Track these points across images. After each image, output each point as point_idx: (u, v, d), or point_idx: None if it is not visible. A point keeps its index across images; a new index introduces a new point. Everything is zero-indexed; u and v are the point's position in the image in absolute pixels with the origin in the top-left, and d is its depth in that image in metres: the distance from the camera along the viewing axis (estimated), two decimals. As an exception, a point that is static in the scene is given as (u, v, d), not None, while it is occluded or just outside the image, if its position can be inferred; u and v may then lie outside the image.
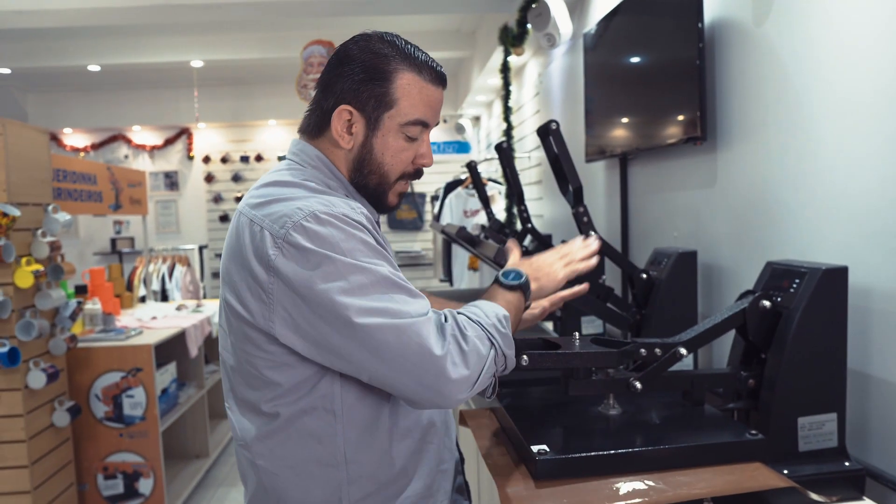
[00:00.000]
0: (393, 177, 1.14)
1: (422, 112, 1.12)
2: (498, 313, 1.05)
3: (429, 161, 1.17)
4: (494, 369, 1.02)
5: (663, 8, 2.01)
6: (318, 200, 1.03)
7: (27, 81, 7.39)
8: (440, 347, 0.96)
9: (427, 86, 1.12)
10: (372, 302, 0.96)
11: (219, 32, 5.92)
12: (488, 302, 1.10)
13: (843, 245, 1.35)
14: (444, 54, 6.16)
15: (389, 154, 1.13)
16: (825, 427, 1.18)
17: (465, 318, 1.03)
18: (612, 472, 1.06)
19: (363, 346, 0.96)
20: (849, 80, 1.32)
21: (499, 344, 1.02)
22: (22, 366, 2.73)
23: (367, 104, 1.10)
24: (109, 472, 3.28)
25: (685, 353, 1.19)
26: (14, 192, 2.72)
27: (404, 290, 1.00)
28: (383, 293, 0.98)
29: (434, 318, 1.00)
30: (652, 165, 2.31)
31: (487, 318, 1.04)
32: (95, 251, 8.23)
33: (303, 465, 1.06)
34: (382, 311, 0.96)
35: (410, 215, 8.08)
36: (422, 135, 1.15)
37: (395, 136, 1.12)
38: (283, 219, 1.00)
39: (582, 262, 1.25)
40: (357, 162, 1.14)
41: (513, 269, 1.18)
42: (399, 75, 1.10)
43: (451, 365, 0.96)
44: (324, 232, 0.98)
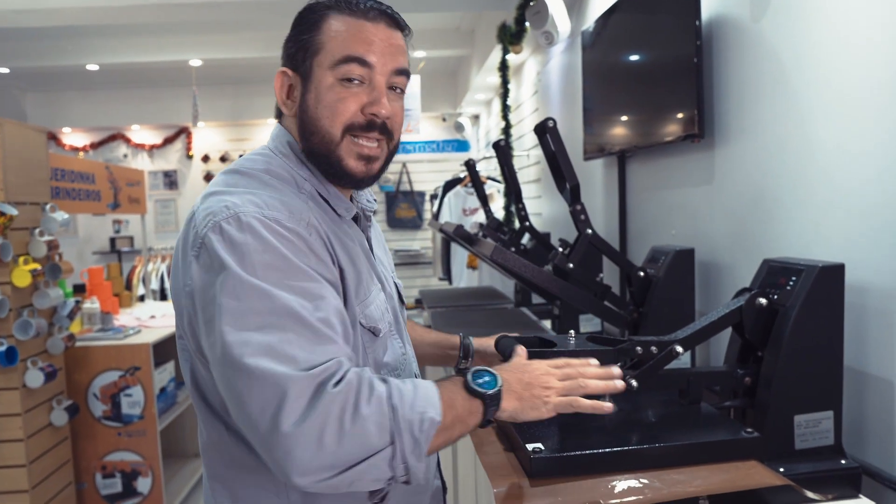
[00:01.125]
0: (336, 132, 0.98)
1: (353, 47, 0.97)
2: (426, 413, 0.83)
3: (380, 108, 0.98)
4: (388, 474, 0.81)
5: (661, 5, 2.01)
6: (255, 198, 0.90)
7: (26, 80, 7.38)
8: (292, 422, 0.77)
9: (358, 21, 0.98)
10: (255, 334, 0.81)
11: (217, 32, 5.91)
12: (433, 390, 0.87)
13: (840, 243, 1.34)
14: (443, 53, 6.16)
15: (323, 105, 0.98)
16: (821, 425, 1.17)
17: (378, 392, 0.82)
18: (608, 470, 1.06)
19: (227, 378, 0.82)
20: (847, 76, 1.31)
21: (400, 446, 0.81)
22: (20, 365, 2.73)
23: (297, 59, 1.00)
24: (108, 470, 3.28)
25: (681, 351, 1.18)
26: (11, 191, 2.72)
27: (305, 330, 0.82)
28: (274, 327, 0.81)
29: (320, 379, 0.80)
30: (650, 163, 2.31)
31: (407, 409, 0.82)
32: (94, 250, 8.23)
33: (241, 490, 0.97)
34: (261, 349, 0.80)
35: (409, 214, 8.07)
36: (369, 79, 0.98)
37: (328, 85, 0.98)
38: (209, 216, 0.89)
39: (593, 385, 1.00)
40: (300, 126, 1.01)
41: (490, 373, 0.93)
42: (327, 20, 0.99)
43: (303, 445, 0.77)
44: (239, 238, 0.85)
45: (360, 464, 0.79)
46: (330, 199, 1.03)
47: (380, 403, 0.81)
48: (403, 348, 1.12)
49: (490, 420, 0.92)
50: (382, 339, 1.03)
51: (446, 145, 8.08)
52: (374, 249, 1.14)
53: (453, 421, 0.87)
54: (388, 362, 1.05)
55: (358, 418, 0.79)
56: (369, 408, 0.80)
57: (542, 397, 0.96)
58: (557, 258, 1.69)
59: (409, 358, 1.14)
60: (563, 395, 0.97)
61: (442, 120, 7.91)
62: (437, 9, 4.59)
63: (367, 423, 0.79)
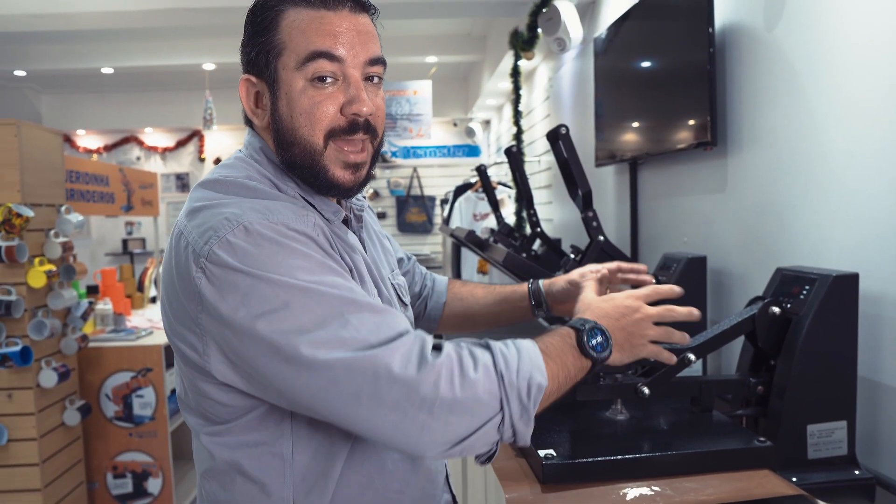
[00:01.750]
0: (316, 139, 0.89)
1: (317, 42, 0.87)
2: (533, 379, 0.81)
3: (361, 105, 0.89)
4: (495, 438, 0.81)
5: (674, 13, 2.01)
6: (252, 206, 0.83)
7: (41, 83, 7.47)
8: (414, 368, 0.76)
9: (318, 12, 0.88)
10: (320, 332, 0.76)
11: (231, 36, 5.93)
12: (536, 352, 0.84)
13: (854, 252, 1.34)
14: (455, 58, 6.18)
15: (299, 112, 0.89)
16: (835, 435, 1.17)
17: (483, 360, 0.80)
18: (620, 477, 1.06)
19: (315, 385, 0.77)
20: (860, 85, 1.31)
21: (509, 412, 0.80)
22: (34, 365, 2.75)
23: (259, 63, 0.91)
24: (119, 471, 3.31)
25: (694, 358, 1.18)
26: (28, 192, 2.75)
27: (362, 309, 0.79)
28: (336, 318, 0.77)
29: (410, 340, 0.78)
30: (662, 170, 2.31)
31: (514, 374, 0.80)
32: (107, 252, 8.29)
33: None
34: (334, 342, 0.76)
35: (420, 218, 8.08)
36: (343, 74, 0.89)
37: (300, 90, 0.88)
38: (208, 232, 0.81)
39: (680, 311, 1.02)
40: (276, 138, 0.92)
41: (602, 332, 0.92)
42: (283, 16, 0.89)
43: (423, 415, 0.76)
44: (253, 250, 0.78)
45: (478, 430, 0.79)
46: (315, 203, 0.94)
47: (486, 370, 0.79)
48: None
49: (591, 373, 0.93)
50: None
51: (457, 150, 8.09)
52: (370, 251, 1.07)
53: (565, 380, 0.88)
54: None
55: (467, 381, 0.78)
56: (476, 372, 0.79)
57: (640, 346, 0.98)
58: (569, 265, 1.70)
59: None
60: (654, 340, 0.99)
61: (453, 125, 7.92)
62: (449, 15, 4.61)
63: (476, 386, 0.78)
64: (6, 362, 2.67)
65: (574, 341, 0.90)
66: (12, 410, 2.75)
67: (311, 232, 0.84)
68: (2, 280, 2.69)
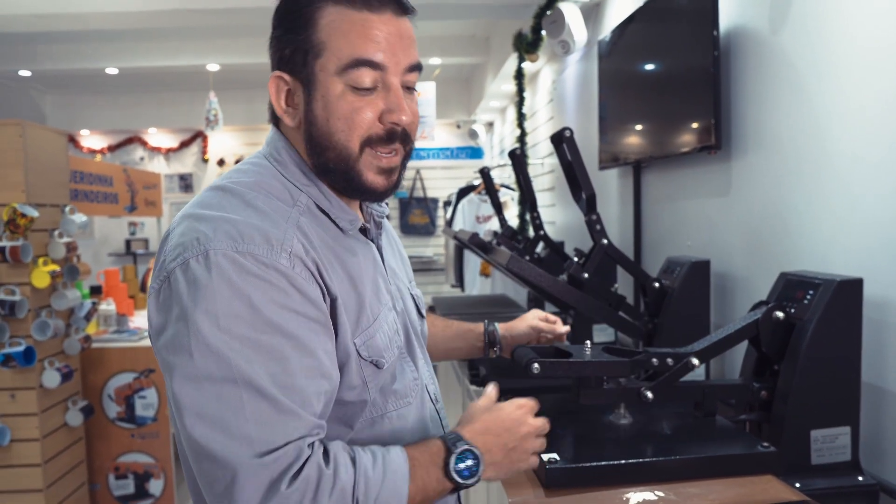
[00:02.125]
0: (353, 146, 0.87)
1: (361, 48, 0.84)
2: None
3: (401, 115, 0.87)
4: None
5: (679, 16, 2.01)
6: (231, 227, 0.80)
7: (46, 83, 7.48)
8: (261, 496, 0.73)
9: (361, 14, 0.84)
10: (210, 403, 0.75)
11: (235, 37, 5.96)
12: (403, 473, 0.81)
13: (858, 257, 1.34)
14: (458, 60, 6.18)
15: (337, 118, 0.86)
16: (838, 440, 1.17)
17: (342, 483, 0.76)
18: (623, 482, 1.06)
19: (186, 442, 0.78)
20: (866, 89, 1.31)
21: None
22: (37, 365, 2.76)
23: (295, 61, 0.87)
24: (121, 472, 3.31)
25: (697, 363, 1.18)
26: (32, 193, 2.76)
27: (264, 402, 0.75)
28: (230, 398, 0.75)
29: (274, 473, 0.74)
30: (666, 174, 2.30)
31: (373, 499, 0.78)
32: (110, 252, 8.30)
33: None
34: (213, 423, 0.75)
35: (422, 220, 8.09)
36: (383, 81, 0.87)
37: (338, 94, 0.85)
38: (178, 249, 0.81)
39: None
40: (309, 141, 0.89)
41: (474, 456, 0.86)
42: (322, 13, 0.85)
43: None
44: (204, 280, 0.77)
45: None
46: (331, 212, 0.91)
47: (342, 497, 0.76)
48: (416, 373, 1.00)
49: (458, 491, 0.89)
50: (389, 370, 0.92)
51: (460, 152, 8.09)
52: (388, 259, 1.04)
53: (422, 501, 0.83)
54: (396, 389, 0.94)
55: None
56: (328, 499, 0.75)
57: (521, 461, 0.94)
58: (573, 268, 1.70)
59: (423, 382, 1.02)
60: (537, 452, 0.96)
61: (456, 127, 7.92)
62: (453, 17, 4.61)
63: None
64: (10, 362, 2.67)
65: (441, 462, 0.85)
66: (15, 411, 2.76)
67: (284, 265, 0.80)
68: (6, 280, 2.70)
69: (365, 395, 0.89)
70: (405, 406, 0.95)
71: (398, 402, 0.94)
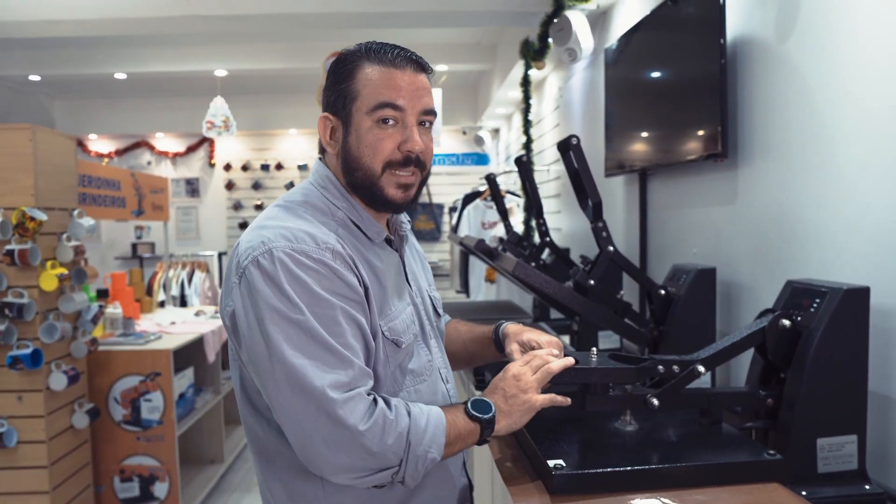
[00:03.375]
0: (377, 168, 1.12)
1: (384, 94, 1.10)
2: (430, 452, 1.02)
3: (414, 145, 1.12)
4: (388, 481, 1.02)
5: (685, 24, 2.02)
6: (287, 232, 1.05)
7: (55, 88, 7.53)
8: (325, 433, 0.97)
9: (388, 70, 1.11)
10: (294, 357, 0.98)
11: (242, 43, 6.00)
12: (442, 422, 1.05)
13: (865, 265, 1.34)
14: (465, 67, 6.20)
15: (364, 145, 1.11)
16: (845, 449, 1.17)
17: (401, 428, 1.00)
18: (629, 488, 1.06)
19: (273, 391, 1.00)
20: (872, 97, 1.31)
21: (404, 469, 1.01)
22: (44, 367, 2.77)
23: (337, 105, 1.14)
24: (126, 474, 3.32)
25: (703, 370, 1.18)
26: (41, 196, 2.78)
27: (331, 355, 1.00)
28: (307, 351, 0.99)
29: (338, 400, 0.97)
30: (672, 181, 2.31)
31: (418, 446, 1.01)
32: (116, 255, 8.34)
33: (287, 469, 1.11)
34: (294, 368, 0.98)
35: (428, 226, 8.10)
36: (402, 120, 1.11)
37: (367, 128, 1.11)
38: (249, 249, 1.05)
39: (556, 364, 1.14)
40: (344, 164, 1.15)
41: (484, 401, 1.11)
42: (360, 70, 1.12)
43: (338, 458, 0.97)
44: (272, 272, 1.02)
45: (375, 474, 1.00)
46: (362, 224, 1.15)
47: (400, 438, 1.00)
48: (430, 356, 1.22)
49: (487, 439, 1.09)
50: (406, 349, 1.15)
51: (466, 158, 8.11)
52: (410, 265, 1.27)
53: (455, 440, 1.06)
54: (413, 368, 1.17)
55: (382, 448, 0.99)
56: (392, 440, 0.99)
57: (527, 402, 1.11)
58: (578, 274, 1.70)
59: (437, 364, 1.24)
60: (539, 390, 1.13)
61: (462, 133, 7.94)
62: (460, 24, 4.63)
63: (388, 453, 0.99)
64: (17, 365, 2.69)
65: (463, 410, 1.09)
66: (22, 413, 2.77)
67: (329, 259, 1.04)
68: (14, 283, 2.72)
69: (387, 368, 1.11)
70: (420, 383, 1.17)
71: (414, 379, 1.17)
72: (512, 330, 1.31)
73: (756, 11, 1.74)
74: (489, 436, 1.09)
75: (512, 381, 1.13)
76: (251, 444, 1.17)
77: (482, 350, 1.40)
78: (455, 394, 1.28)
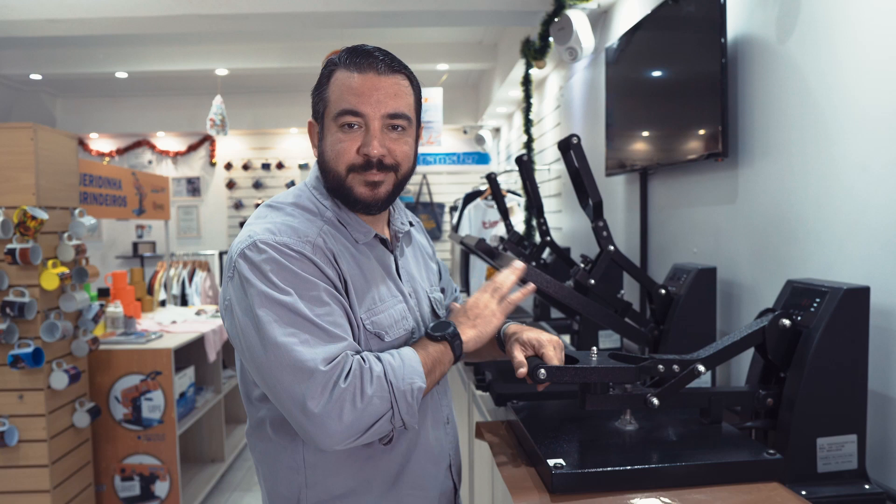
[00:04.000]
0: (341, 171, 1.16)
1: (346, 101, 1.14)
2: (414, 383, 1.07)
3: (370, 149, 1.14)
4: (389, 428, 1.06)
5: (686, 24, 2.02)
6: (272, 226, 1.11)
7: (56, 87, 7.54)
8: (319, 407, 1.00)
9: (348, 74, 1.15)
10: (284, 337, 1.03)
11: (243, 42, 6.00)
12: (414, 356, 1.10)
13: (865, 265, 1.34)
14: (466, 66, 6.20)
15: (330, 150, 1.17)
16: (845, 448, 1.17)
17: (377, 372, 1.05)
18: (628, 487, 1.06)
19: (267, 373, 1.05)
20: (873, 98, 1.31)
21: (397, 409, 1.05)
22: (45, 366, 2.78)
23: (317, 111, 1.20)
24: (127, 473, 3.32)
25: (703, 370, 1.18)
26: (43, 195, 2.78)
27: (319, 331, 1.04)
28: (297, 329, 1.03)
29: (335, 375, 1.01)
30: (672, 180, 2.31)
31: (400, 381, 1.06)
32: (117, 255, 8.34)
33: (273, 463, 1.18)
34: (288, 346, 1.02)
35: (429, 225, 8.10)
36: (365, 124, 1.14)
37: (333, 133, 1.16)
38: (238, 244, 1.12)
39: (515, 293, 1.23)
40: (320, 167, 1.22)
41: (443, 321, 1.18)
42: (334, 76, 1.17)
43: (329, 423, 1.01)
44: (257, 260, 1.08)
45: (371, 427, 1.04)
46: (349, 225, 1.20)
47: (380, 382, 1.04)
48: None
49: (460, 355, 1.16)
50: (391, 344, 1.18)
51: (467, 157, 8.11)
52: (407, 266, 1.30)
53: (433, 366, 1.11)
54: None
55: (365, 397, 1.03)
56: (372, 387, 1.04)
57: (490, 314, 1.19)
58: (579, 274, 1.70)
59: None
60: (501, 306, 1.20)
61: (463, 132, 7.94)
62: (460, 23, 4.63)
63: (373, 399, 1.03)
64: (18, 363, 2.69)
65: (424, 335, 1.17)
66: (23, 411, 2.78)
67: (308, 251, 1.10)
68: (16, 282, 2.72)
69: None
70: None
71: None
72: (513, 329, 1.31)
73: (757, 11, 1.74)
74: (461, 351, 1.15)
75: (471, 304, 1.21)
76: (247, 434, 1.24)
77: (485, 348, 1.40)
78: (448, 392, 1.32)
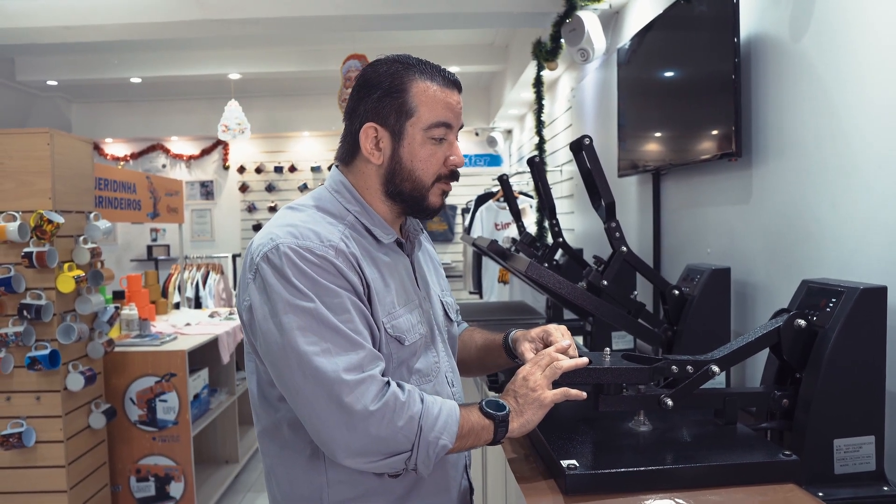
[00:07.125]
0: (427, 181, 1.19)
1: (441, 114, 1.17)
2: (441, 440, 1.05)
3: (459, 161, 1.21)
4: (402, 468, 1.05)
5: (699, 23, 2.01)
6: (294, 230, 1.10)
7: (72, 93, 7.63)
8: (339, 423, 1.00)
9: (442, 89, 1.18)
10: (306, 345, 1.03)
11: (256, 46, 6.04)
12: (456, 413, 1.08)
13: (882, 264, 1.32)
14: (477, 68, 6.20)
15: (418, 160, 1.18)
16: (862, 450, 1.15)
17: (413, 412, 1.03)
18: (643, 489, 1.06)
19: (289, 380, 1.04)
20: (889, 96, 1.30)
21: (415, 454, 1.04)
22: (62, 368, 2.81)
23: (388, 118, 1.17)
24: (142, 474, 3.35)
25: (718, 370, 1.18)
26: (59, 199, 2.81)
27: (341, 338, 1.04)
28: (318, 337, 1.03)
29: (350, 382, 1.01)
30: (685, 181, 2.30)
31: (429, 431, 1.04)
32: (132, 258, 8.41)
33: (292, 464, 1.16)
34: (306, 354, 1.02)
35: (441, 227, 8.11)
36: (448, 136, 1.19)
37: (421, 143, 1.17)
38: (260, 247, 1.11)
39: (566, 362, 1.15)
40: (389, 174, 1.20)
41: (498, 400, 1.13)
42: (413, 85, 1.16)
43: (350, 440, 1.00)
44: (279, 265, 1.07)
45: (387, 458, 1.03)
46: (372, 226, 1.20)
47: (411, 421, 1.03)
48: (437, 358, 1.25)
49: (498, 441, 1.11)
50: (411, 348, 1.17)
51: (479, 159, 8.11)
52: (421, 270, 1.30)
53: (468, 433, 1.08)
54: (419, 368, 1.20)
55: (393, 428, 1.02)
56: (402, 421, 1.02)
57: (537, 399, 1.12)
58: (592, 275, 1.69)
59: (443, 368, 1.26)
60: (549, 386, 1.13)
61: (475, 134, 7.94)
62: (472, 25, 4.64)
63: (399, 434, 1.02)
64: (35, 365, 2.72)
65: (477, 407, 1.12)
66: (40, 413, 2.81)
67: (331, 255, 1.09)
68: (32, 285, 2.75)
69: (391, 364, 1.14)
70: (426, 383, 1.19)
71: (420, 379, 1.19)
72: (520, 333, 1.32)
73: (770, 9, 1.72)
74: (503, 435, 1.10)
75: (521, 382, 1.15)
76: (259, 436, 1.21)
77: (494, 357, 1.41)
78: (462, 398, 1.30)
